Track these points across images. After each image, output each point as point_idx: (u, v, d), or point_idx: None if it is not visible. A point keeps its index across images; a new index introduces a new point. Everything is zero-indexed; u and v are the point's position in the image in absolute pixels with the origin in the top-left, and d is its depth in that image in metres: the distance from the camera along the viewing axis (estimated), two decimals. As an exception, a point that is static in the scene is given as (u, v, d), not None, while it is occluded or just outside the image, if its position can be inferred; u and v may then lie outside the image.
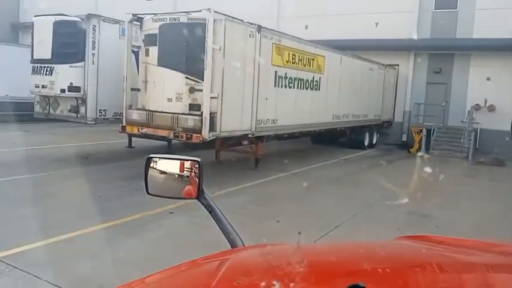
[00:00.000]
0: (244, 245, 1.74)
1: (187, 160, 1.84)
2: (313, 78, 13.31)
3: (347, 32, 19.51)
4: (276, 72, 11.42)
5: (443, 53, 20.11)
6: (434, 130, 18.53)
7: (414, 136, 18.56)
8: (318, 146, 17.91)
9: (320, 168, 13.20)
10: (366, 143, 18.37)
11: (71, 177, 9.83)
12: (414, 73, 20.93)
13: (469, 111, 19.40)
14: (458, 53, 19.86)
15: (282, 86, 11.74)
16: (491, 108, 19.35)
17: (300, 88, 12.63)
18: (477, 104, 19.56)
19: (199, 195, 1.79)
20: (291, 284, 1.11)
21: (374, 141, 19.38)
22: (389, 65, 19.93)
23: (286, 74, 11.87)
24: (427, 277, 1.32)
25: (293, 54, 12.12)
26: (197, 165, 1.81)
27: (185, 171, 1.83)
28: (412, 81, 20.97)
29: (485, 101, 19.50)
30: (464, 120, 20.00)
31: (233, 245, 1.73)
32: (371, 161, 15.60)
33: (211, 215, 1.81)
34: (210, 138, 9.53)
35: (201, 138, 9.25)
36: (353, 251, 1.62)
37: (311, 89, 13.27)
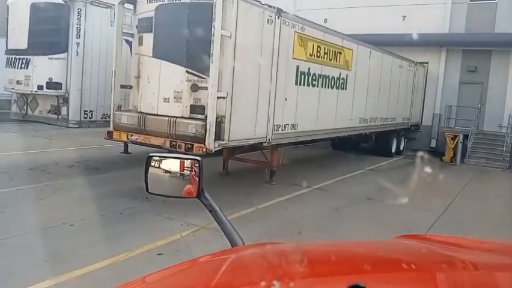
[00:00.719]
0: (244, 244, 1.71)
1: (188, 159, 1.83)
2: (339, 75, 11.25)
3: (370, 26, 17.33)
4: (297, 67, 9.38)
5: (479, 50, 17.87)
6: (470, 136, 16.36)
7: (447, 142, 16.38)
8: (339, 153, 15.83)
9: (345, 181, 11.13)
10: (393, 150, 16.24)
11: (45, 194, 7.89)
12: (446, 72, 18.73)
13: (510, 115, 17.19)
14: (496, 50, 17.62)
15: (304, 84, 9.70)
16: (535, 112, 17.12)
17: (325, 87, 10.59)
18: (518, 107, 17.34)
19: (199, 194, 1.77)
20: (291, 284, 1.10)
21: (402, 148, 17.23)
22: (419, 63, 17.77)
23: (309, 69, 9.82)
24: (427, 277, 1.28)
25: (318, 46, 10.07)
26: (197, 164, 1.79)
27: (185, 170, 1.81)
28: (443, 81, 18.77)
29: (527, 103, 17.29)
30: (502, 125, 17.80)
31: (233, 244, 1.70)
32: (403, 172, 13.46)
33: (212, 215, 1.79)
34: (216, 149, 7.52)
35: (204, 150, 7.22)
36: (353, 251, 1.61)
37: (337, 87, 11.22)
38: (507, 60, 17.51)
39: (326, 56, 10.43)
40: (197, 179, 1.78)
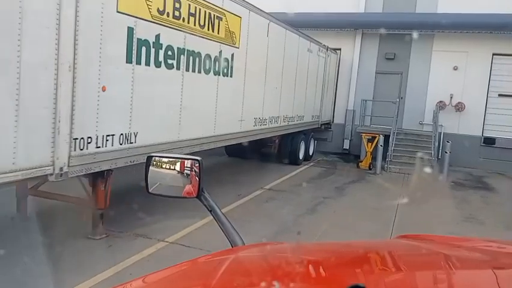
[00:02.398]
0: (244, 244, 1.68)
1: (188, 159, 1.81)
2: (220, 54, 7.20)
3: (272, 3, 13.63)
4: (130, 30, 5.15)
5: (398, 33, 14.97)
6: (392, 137, 13.33)
7: (364, 145, 13.21)
8: (234, 161, 11.90)
9: (227, 217, 7.21)
10: (301, 156, 12.67)
11: None
12: (361, 60, 15.62)
13: (434, 111, 14.48)
14: (417, 34, 14.85)
15: (149, 64, 5.48)
16: (460, 107, 14.57)
17: (194, 70, 6.49)
18: (441, 102, 14.72)
19: (200, 194, 1.75)
20: (291, 284, 1.10)
21: (311, 152, 13.76)
22: (330, 49, 14.43)
23: (159, 38, 5.60)
24: (427, 276, 1.26)
25: (177, 1, 5.93)
26: (197, 164, 1.76)
27: (185, 170, 1.79)
28: (358, 71, 15.64)
29: (451, 98, 14.72)
30: (424, 122, 15.09)
31: (233, 244, 1.67)
32: (312, 191, 9.71)
33: (212, 214, 1.77)
34: None
35: None
36: (353, 250, 1.58)
37: (217, 73, 7.17)
38: (429, 45, 14.76)
39: (193, 19, 6.30)
40: (197, 179, 1.74)
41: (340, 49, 15.64)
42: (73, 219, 5.84)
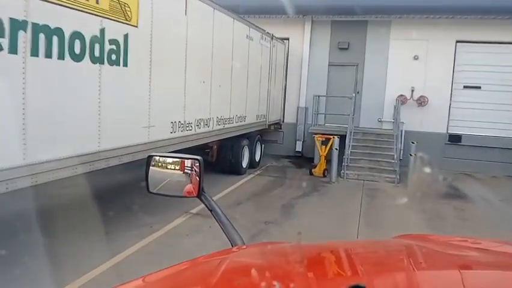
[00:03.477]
0: (244, 243, 1.66)
1: (188, 158, 1.78)
2: (102, 33, 4.93)
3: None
4: None
5: (351, 20, 13.13)
6: (348, 138, 11.44)
7: (318, 149, 11.24)
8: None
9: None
10: (244, 164, 10.55)
11: None
12: (312, 50, 13.65)
13: (395, 106, 12.72)
14: (373, 19, 13.04)
15: None
16: (422, 101, 12.90)
17: (47, 55, 4.21)
18: (402, 96, 13.00)
19: (200, 193, 1.72)
20: (291, 284, 1.08)
21: (258, 158, 11.68)
22: (276, 38, 12.38)
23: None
24: (427, 276, 1.24)
25: None
26: (197, 164, 1.74)
27: (185, 170, 1.77)
28: (309, 63, 13.66)
29: (412, 91, 13.02)
30: (383, 119, 13.35)
31: (233, 243, 1.65)
32: (252, 213, 7.54)
33: (212, 214, 1.73)
34: None
35: None
36: (353, 250, 1.55)
37: (96, 61, 4.87)
38: (387, 33, 12.98)
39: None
40: (197, 179, 1.72)
41: (288, 39, 13.63)
42: None
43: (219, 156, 9.99)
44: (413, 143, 9.93)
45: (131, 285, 1.18)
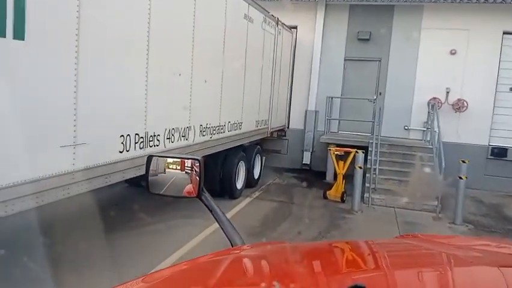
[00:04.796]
0: (244, 244, 1.60)
1: (188, 159, 1.75)
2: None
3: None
4: None
5: (374, 5, 10.61)
6: (372, 151, 8.88)
7: (334, 165, 8.67)
8: (131, 197, 7.07)
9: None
10: (239, 183, 7.97)
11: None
12: (325, 42, 11.10)
13: (429, 112, 10.15)
14: (401, 3, 10.47)
15: None
16: (460, 106, 10.34)
17: None
18: (435, 99, 10.44)
19: (200, 194, 1.67)
20: (291, 284, 1.07)
21: (257, 174, 9.10)
22: (282, 24, 9.83)
23: None
24: (427, 276, 1.23)
25: None
26: (198, 164, 1.70)
27: (186, 170, 1.73)
28: (321, 57, 11.11)
29: (448, 93, 10.47)
30: (411, 127, 10.79)
31: (233, 243, 1.59)
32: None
33: (212, 214, 1.69)
34: None
35: None
36: (353, 250, 1.52)
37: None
38: (418, 20, 10.41)
39: None
40: (197, 179, 1.68)
41: (296, 27, 11.06)
42: None
43: (205, 175, 7.41)
44: (463, 161, 7.34)
45: (131, 285, 1.14)
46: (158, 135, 4.83)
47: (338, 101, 11.02)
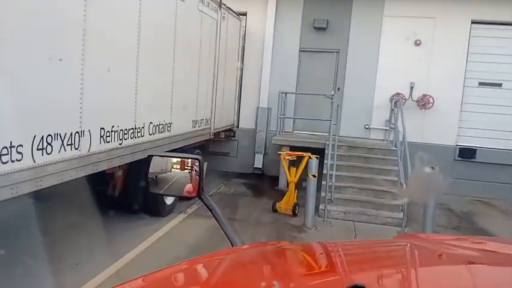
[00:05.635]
0: (244, 244, 1.57)
1: (188, 158, 1.73)
2: None
3: None
4: None
5: (331, -10, 9.39)
6: (329, 154, 7.63)
7: (285, 172, 7.36)
8: (34, 214, 5.54)
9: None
10: (170, 198, 6.55)
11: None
12: (278, 31, 9.78)
13: (392, 109, 9.01)
14: (361, -10, 9.32)
15: None
16: (425, 102, 9.28)
17: None
18: (398, 94, 9.34)
19: (200, 193, 1.64)
20: (291, 284, 1.06)
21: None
22: (227, 8, 8.43)
23: None
24: (427, 276, 1.19)
25: None
26: (197, 163, 1.66)
27: (186, 170, 1.70)
28: (273, 48, 9.80)
29: (412, 88, 9.38)
30: (372, 126, 9.65)
31: (233, 244, 1.56)
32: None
33: (212, 214, 1.66)
34: None
35: None
36: (353, 250, 1.51)
37: None
38: (379, 8, 9.25)
39: None
40: (197, 178, 1.64)
41: (246, 14, 9.68)
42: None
43: (126, 188, 5.92)
44: (432, 168, 6.19)
45: (131, 285, 1.13)
46: (20, 145, 3.32)
47: (292, 98, 9.74)
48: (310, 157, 6.64)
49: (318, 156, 6.76)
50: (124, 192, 5.92)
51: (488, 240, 1.66)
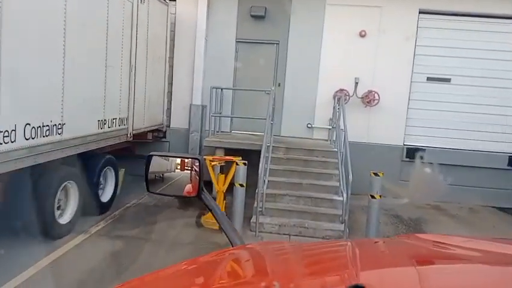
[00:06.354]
0: (244, 244, 1.56)
1: (188, 158, 1.70)
2: None
3: None
4: None
5: (270, -25, 8.43)
6: (263, 157, 6.67)
7: (213, 180, 6.36)
8: None
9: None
10: (66, 217, 5.30)
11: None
12: (211, 19, 8.72)
13: (335, 107, 8.15)
14: (302, -25, 8.41)
15: None
16: (370, 99, 8.52)
17: None
18: (342, 90, 8.53)
19: (200, 193, 1.59)
20: (291, 284, 1.05)
21: (108, 197, 6.48)
22: (149, -9, 7.26)
23: None
24: (427, 275, 1.16)
25: None
26: (197, 163, 1.62)
27: (185, 170, 1.66)
28: (207, 38, 8.74)
29: (356, 84, 8.60)
30: (314, 125, 8.81)
31: (233, 244, 1.53)
32: None
33: (212, 214, 1.63)
34: None
35: None
36: (353, 250, 1.45)
37: None
38: (322, -4, 8.42)
39: None
40: (197, 178, 1.60)
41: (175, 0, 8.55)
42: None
43: (10, 203, 4.69)
44: (376, 174, 5.34)
45: (131, 285, 1.13)
46: None
47: (230, 94, 8.73)
48: (237, 163, 5.64)
49: (246, 162, 5.79)
50: (6, 205, 4.69)
51: (488, 240, 1.59)
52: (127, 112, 6.70)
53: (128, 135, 6.83)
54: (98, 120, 5.84)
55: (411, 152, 8.46)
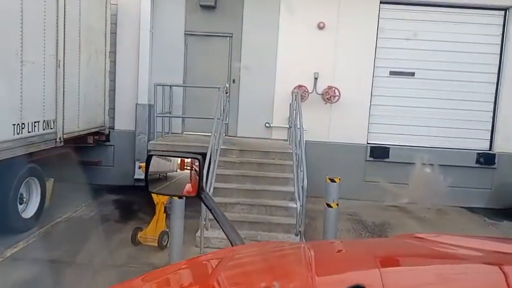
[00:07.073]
0: (244, 244, 1.55)
1: (188, 157, 1.64)
2: None
3: None
4: None
5: (220, -39, 7.69)
6: (212, 162, 5.95)
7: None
8: None
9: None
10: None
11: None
12: (157, 9, 7.91)
13: (292, 105, 7.51)
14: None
15: None
16: (331, 95, 7.93)
17: None
18: (301, 87, 7.90)
19: (199, 193, 1.56)
20: (291, 284, 1.05)
21: (32, 212, 5.63)
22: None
23: None
24: (427, 275, 1.15)
25: None
26: (197, 163, 1.58)
27: (185, 169, 1.63)
28: (152, 30, 7.91)
29: (316, 79, 8.00)
30: (273, 124, 8.16)
31: (233, 243, 1.51)
32: None
33: (212, 214, 1.60)
34: None
35: None
36: (353, 250, 1.46)
37: None
38: (277, -16, 7.75)
39: None
40: (197, 178, 1.57)
41: (115, -12, 7.69)
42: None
43: None
44: (332, 180, 4.72)
45: (130, 285, 1.13)
46: None
47: (180, 92, 7.97)
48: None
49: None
50: None
51: (488, 240, 1.51)
52: (54, 114, 5.84)
53: (58, 140, 5.96)
54: (13, 124, 4.98)
55: (376, 151, 7.93)
